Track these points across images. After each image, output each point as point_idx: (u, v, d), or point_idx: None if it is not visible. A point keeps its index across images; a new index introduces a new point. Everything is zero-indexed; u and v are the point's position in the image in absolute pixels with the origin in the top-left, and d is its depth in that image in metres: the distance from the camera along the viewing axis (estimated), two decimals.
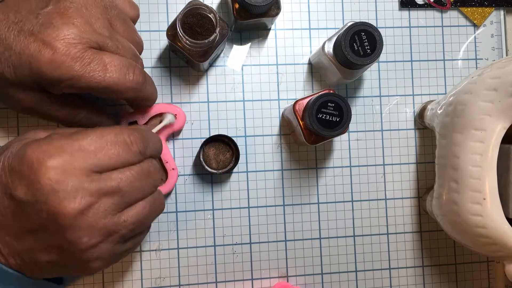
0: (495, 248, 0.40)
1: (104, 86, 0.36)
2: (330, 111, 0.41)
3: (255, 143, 0.49)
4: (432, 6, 0.52)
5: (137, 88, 0.38)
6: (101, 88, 0.36)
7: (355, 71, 0.45)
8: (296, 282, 0.49)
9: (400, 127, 0.51)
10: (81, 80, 0.35)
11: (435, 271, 0.51)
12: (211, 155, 0.47)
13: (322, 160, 0.50)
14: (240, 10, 0.44)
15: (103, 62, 0.36)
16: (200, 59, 0.43)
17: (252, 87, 0.49)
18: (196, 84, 0.49)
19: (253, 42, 0.50)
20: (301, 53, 0.50)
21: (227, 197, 0.49)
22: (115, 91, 0.37)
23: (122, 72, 0.37)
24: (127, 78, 0.37)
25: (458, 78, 0.52)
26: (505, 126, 0.39)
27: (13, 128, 0.46)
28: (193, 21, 0.42)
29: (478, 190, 0.39)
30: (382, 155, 0.51)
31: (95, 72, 0.36)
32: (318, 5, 0.51)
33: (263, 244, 0.49)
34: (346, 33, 0.42)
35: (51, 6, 0.35)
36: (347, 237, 0.50)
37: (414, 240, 0.51)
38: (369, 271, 0.51)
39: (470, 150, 0.40)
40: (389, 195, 0.51)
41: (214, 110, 0.49)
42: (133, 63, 0.38)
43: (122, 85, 0.37)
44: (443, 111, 0.45)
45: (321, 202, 0.50)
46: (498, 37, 0.53)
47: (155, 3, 0.48)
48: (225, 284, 0.49)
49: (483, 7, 0.52)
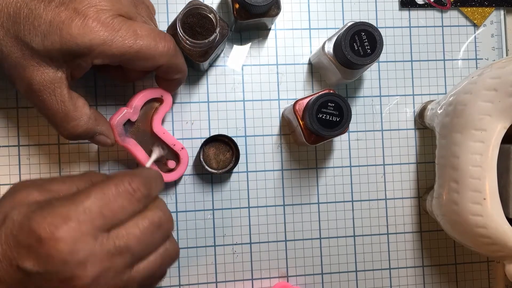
0: (495, 248, 0.40)
1: (136, 50, 0.36)
2: (330, 111, 0.41)
3: (255, 143, 0.49)
4: (432, 6, 0.52)
5: (171, 52, 0.39)
6: (133, 52, 0.36)
7: (355, 71, 0.45)
8: (296, 282, 0.49)
9: (400, 127, 0.51)
10: (113, 46, 0.36)
11: (435, 271, 0.51)
12: (211, 155, 0.47)
13: (322, 160, 0.50)
14: (240, 10, 0.44)
15: (133, 28, 0.37)
16: (200, 59, 0.43)
17: (252, 87, 0.49)
18: (196, 84, 0.49)
19: (253, 42, 0.50)
20: (301, 53, 0.50)
21: (227, 197, 0.49)
22: (148, 57, 0.37)
23: (153, 37, 0.37)
24: (159, 43, 0.38)
25: (458, 78, 0.52)
26: (505, 126, 0.39)
27: (13, 128, 0.46)
28: (193, 21, 0.42)
29: (478, 190, 0.39)
30: (382, 155, 0.51)
31: (126, 38, 0.36)
32: (318, 5, 0.51)
33: (263, 244, 0.49)
34: (346, 33, 0.42)
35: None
36: (347, 237, 0.50)
37: (414, 240, 0.51)
38: (369, 271, 0.51)
39: (470, 150, 0.40)
40: (389, 195, 0.51)
41: (214, 110, 0.49)
42: (163, 32, 0.39)
43: (154, 49, 0.37)
44: (443, 111, 0.45)
45: (321, 202, 0.50)
46: (498, 37, 0.53)
47: (155, 3, 0.48)
48: (225, 284, 0.49)
49: (483, 7, 0.52)
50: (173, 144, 0.45)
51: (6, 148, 0.46)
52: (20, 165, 0.46)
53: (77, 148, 0.47)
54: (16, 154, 0.46)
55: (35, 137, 0.47)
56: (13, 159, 0.46)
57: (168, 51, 0.39)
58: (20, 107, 0.46)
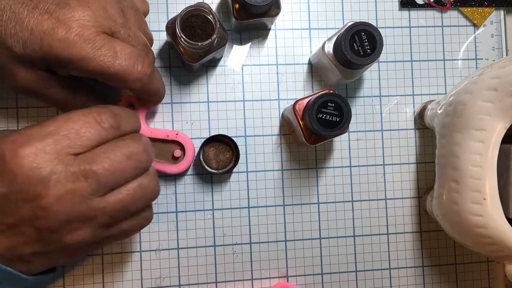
0: (495, 248, 0.40)
1: (113, 73, 0.36)
2: (330, 111, 0.41)
3: (255, 143, 0.49)
4: (432, 6, 0.52)
5: (145, 79, 0.38)
6: (109, 73, 0.36)
7: (355, 71, 0.45)
8: (296, 282, 0.49)
9: (400, 127, 0.51)
10: (91, 63, 0.35)
11: (435, 271, 0.51)
12: (211, 155, 0.47)
13: (322, 160, 0.50)
14: (240, 10, 0.44)
15: (114, 49, 0.36)
16: (190, 60, 0.43)
17: (252, 87, 0.49)
18: (196, 84, 0.49)
19: (253, 42, 0.50)
20: (301, 53, 0.50)
21: (227, 197, 0.49)
22: (122, 79, 0.37)
23: (132, 61, 0.37)
24: (136, 67, 0.37)
25: (458, 78, 0.52)
26: (505, 126, 0.39)
27: (13, 128, 0.46)
28: (196, 22, 0.42)
29: (478, 190, 0.39)
30: (382, 155, 0.51)
31: (105, 57, 0.36)
32: (318, 5, 0.51)
33: (263, 244, 0.49)
34: (346, 33, 0.42)
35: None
36: (347, 237, 0.50)
37: (414, 240, 0.51)
38: (369, 271, 0.51)
39: (470, 150, 0.40)
40: (389, 195, 0.51)
41: (214, 110, 0.49)
42: (143, 54, 0.38)
43: (130, 74, 0.37)
44: (443, 111, 0.45)
45: (321, 202, 0.50)
46: (498, 37, 0.53)
47: (155, 3, 0.48)
48: (225, 284, 0.49)
49: (483, 7, 0.52)
50: (166, 136, 0.45)
51: None
52: None
53: None
54: None
55: None
56: None
57: (143, 77, 0.38)
58: (20, 107, 0.46)
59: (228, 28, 0.49)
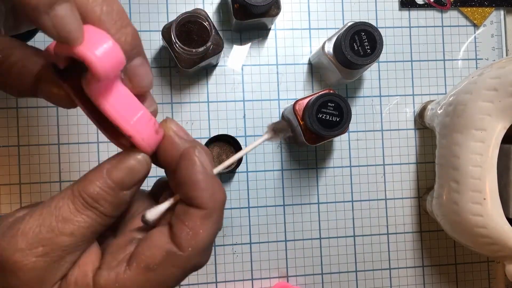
0: (495, 248, 0.40)
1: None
2: (330, 111, 0.41)
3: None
4: (432, 6, 0.52)
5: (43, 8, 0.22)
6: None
7: (355, 71, 0.45)
8: (296, 282, 0.49)
9: (400, 127, 0.51)
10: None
11: (435, 271, 0.51)
12: (214, 155, 0.47)
13: (322, 160, 0.50)
14: (240, 10, 0.44)
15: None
16: (185, 66, 0.43)
17: (252, 87, 0.49)
18: (196, 84, 0.49)
19: (253, 42, 0.50)
20: (301, 53, 0.50)
21: (227, 197, 0.49)
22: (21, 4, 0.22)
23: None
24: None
25: (458, 78, 0.52)
26: (505, 126, 0.39)
27: (13, 128, 0.46)
28: (193, 28, 0.42)
29: (478, 190, 0.39)
30: (382, 155, 0.51)
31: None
32: (318, 5, 0.51)
33: (263, 244, 0.49)
34: (346, 33, 0.42)
35: None
36: (347, 237, 0.50)
37: (414, 240, 0.51)
38: (369, 271, 0.51)
39: (470, 150, 0.40)
40: (389, 195, 0.51)
41: (214, 110, 0.49)
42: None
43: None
44: (443, 111, 0.45)
45: (321, 202, 0.50)
46: (498, 37, 0.53)
47: (155, 3, 0.48)
48: (225, 284, 0.49)
49: (483, 7, 0.52)
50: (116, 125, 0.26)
51: (6, 148, 0.46)
52: (20, 165, 0.46)
53: (77, 148, 0.47)
54: (16, 154, 0.46)
55: (35, 137, 0.47)
56: (13, 159, 0.46)
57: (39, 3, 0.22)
58: (20, 107, 0.46)
59: (228, 29, 0.49)
